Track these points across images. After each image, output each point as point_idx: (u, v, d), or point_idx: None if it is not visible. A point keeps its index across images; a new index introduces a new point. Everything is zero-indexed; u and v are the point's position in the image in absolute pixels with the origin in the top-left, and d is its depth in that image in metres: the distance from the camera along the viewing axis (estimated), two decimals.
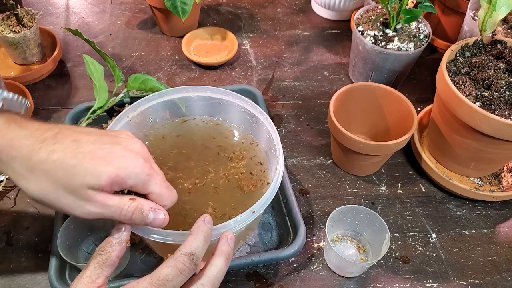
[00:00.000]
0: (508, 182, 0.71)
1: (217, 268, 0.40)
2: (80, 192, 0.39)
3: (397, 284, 0.62)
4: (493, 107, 0.60)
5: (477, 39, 0.69)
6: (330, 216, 0.60)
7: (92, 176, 0.38)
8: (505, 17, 0.75)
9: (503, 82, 0.61)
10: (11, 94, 0.43)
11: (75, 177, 0.38)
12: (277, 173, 0.51)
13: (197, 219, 0.42)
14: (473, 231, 0.68)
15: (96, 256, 0.39)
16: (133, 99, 0.72)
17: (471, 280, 0.63)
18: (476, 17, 0.76)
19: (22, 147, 0.38)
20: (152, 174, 0.42)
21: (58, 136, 0.40)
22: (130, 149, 0.42)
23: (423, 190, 0.73)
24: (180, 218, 0.53)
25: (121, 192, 0.42)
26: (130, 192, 0.42)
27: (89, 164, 0.39)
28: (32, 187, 0.39)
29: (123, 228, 0.42)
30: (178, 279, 0.38)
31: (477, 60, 0.66)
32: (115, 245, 0.40)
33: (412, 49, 0.78)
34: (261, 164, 0.58)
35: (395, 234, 0.67)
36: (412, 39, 0.78)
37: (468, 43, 0.69)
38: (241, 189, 0.56)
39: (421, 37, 0.79)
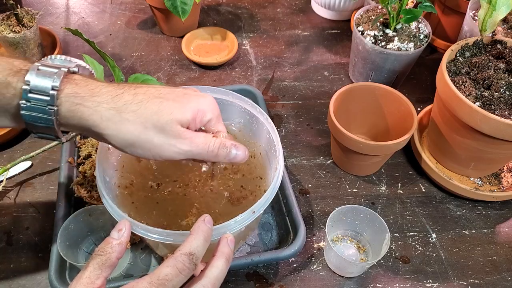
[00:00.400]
0: (508, 182, 0.71)
1: (217, 269, 0.40)
2: (170, 129, 0.40)
3: (397, 284, 0.62)
4: (493, 107, 0.60)
5: (477, 39, 0.69)
6: (330, 216, 0.60)
7: (179, 112, 0.41)
8: (505, 17, 0.74)
9: (503, 82, 0.61)
10: (85, 64, 0.46)
11: (163, 114, 0.40)
12: (277, 173, 0.51)
13: (197, 219, 0.42)
14: (473, 231, 0.68)
15: (96, 257, 0.39)
16: None
17: (471, 280, 0.63)
18: (476, 17, 0.76)
19: (106, 93, 0.40)
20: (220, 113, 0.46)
21: (134, 84, 0.42)
22: (198, 93, 0.45)
23: (423, 190, 0.73)
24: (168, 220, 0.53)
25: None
26: None
27: (172, 102, 0.41)
28: (122, 130, 0.40)
29: (124, 229, 0.42)
30: (177, 278, 0.38)
31: (477, 60, 0.66)
32: (115, 246, 0.40)
33: (412, 49, 0.78)
34: (261, 178, 0.57)
35: (395, 234, 0.67)
36: (412, 39, 0.78)
37: (468, 43, 0.69)
38: (231, 203, 0.55)
39: (421, 37, 0.79)
